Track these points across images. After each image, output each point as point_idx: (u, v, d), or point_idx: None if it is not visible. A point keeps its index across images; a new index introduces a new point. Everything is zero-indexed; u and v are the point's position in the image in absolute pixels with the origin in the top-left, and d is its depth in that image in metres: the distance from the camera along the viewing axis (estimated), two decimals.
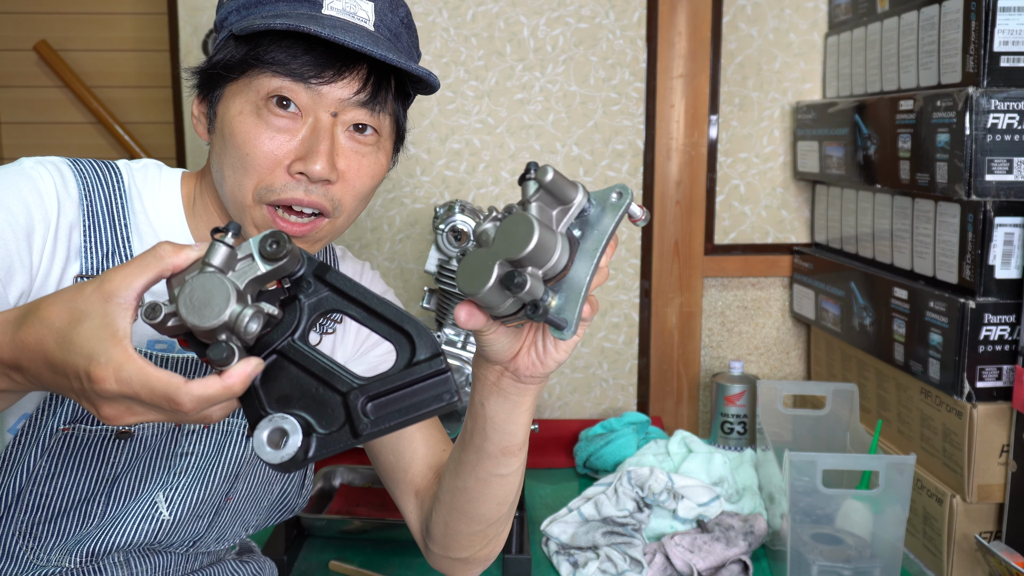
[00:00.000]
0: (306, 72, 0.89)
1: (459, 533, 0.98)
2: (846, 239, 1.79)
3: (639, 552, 1.34)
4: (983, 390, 1.34)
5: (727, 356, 2.03)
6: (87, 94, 2.60)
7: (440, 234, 1.53)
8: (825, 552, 1.33)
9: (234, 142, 0.90)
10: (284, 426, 0.65)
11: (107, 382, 0.63)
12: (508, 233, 0.67)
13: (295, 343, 0.69)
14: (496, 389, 0.84)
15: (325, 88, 0.90)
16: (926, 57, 1.45)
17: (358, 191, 0.94)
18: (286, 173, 0.90)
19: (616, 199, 0.70)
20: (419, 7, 1.87)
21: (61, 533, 0.94)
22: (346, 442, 0.66)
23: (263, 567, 1.16)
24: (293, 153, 0.90)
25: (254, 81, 0.90)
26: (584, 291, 0.69)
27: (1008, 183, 1.30)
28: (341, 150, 0.92)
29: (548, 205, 0.69)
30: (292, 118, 0.90)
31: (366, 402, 0.67)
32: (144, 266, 0.65)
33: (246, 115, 0.90)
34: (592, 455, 1.72)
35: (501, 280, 0.66)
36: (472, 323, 0.72)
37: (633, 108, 1.93)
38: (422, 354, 0.67)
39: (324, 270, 0.70)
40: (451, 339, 1.58)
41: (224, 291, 0.64)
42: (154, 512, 0.98)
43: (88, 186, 0.93)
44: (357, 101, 0.91)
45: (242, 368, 0.64)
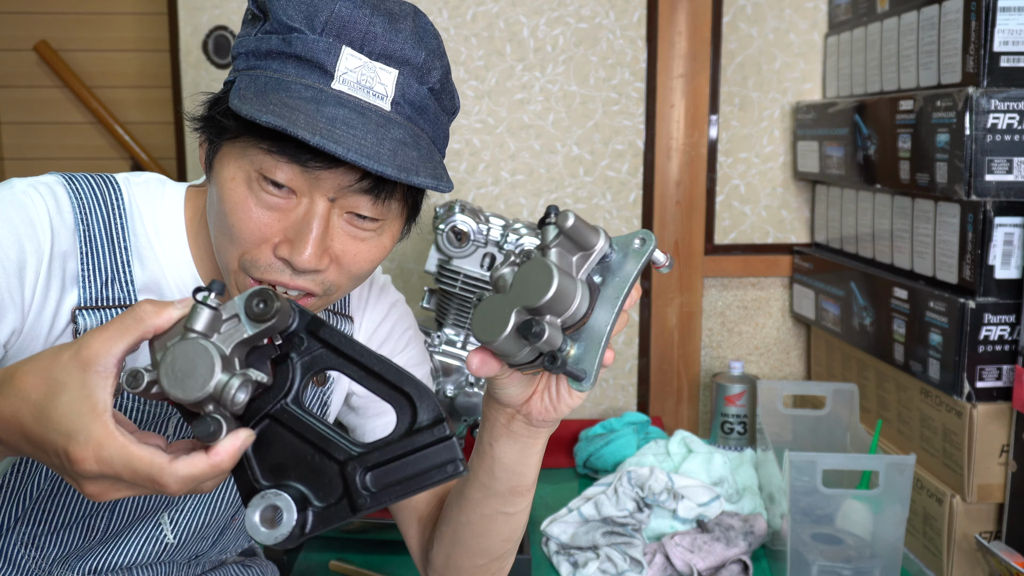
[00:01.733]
0: (304, 155, 0.77)
1: (461, 567, 0.94)
2: (846, 239, 1.79)
3: (639, 552, 1.34)
4: (983, 390, 1.34)
5: (727, 356, 2.03)
6: (87, 94, 2.60)
7: (440, 234, 1.53)
8: (825, 552, 1.33)
9: (223, 208, 0.81)
10: (277, 503, 0.62)
11: (87, 463, 0.59)
12: (526, 280, 0.63)
13: (288, 406, 0.65)
14: (507, 431, 0.79)
15: (324, 173, 0.79)
16: (926, 57, 1.45)
17: (355, 274, 0.85)
18: (271, 253, 0.81)
19: (639, 245, 0.67)
20: (419, 7, 1.87)
21: (63, 545, 0.93)
22: (345, 516, 0.63)
23: (264, 570, 1.16)
24: (281, 233, 0.81)
25: (248, 150, 0.80)
26: (605, 340, 0.66)
27: (1008, 183, 1.30)
28: (335, 235, 0.82)
29: (568, 251, 0.66)
30: (285, 197, 0.80)
31: (364, 473, 0.63)
32: (124, 329, 0.61)
33: (238, 183, 0.81)
34: (592, 455, 1.72)
35: (518, 329, 0.63)
36: (485, 371, 0.68)
37: (633, 108, 1.93)
38: (424, 419, 0.63)
39: (317, 325, 0.65)
40: (451, 339, 1.58)
41: (208, 360, 0.59)
42: (158, 534, 0.96)
43: (84, 207, 0.86)
44: (359, 189, 0.80)
45: (230, 443, 0.60)
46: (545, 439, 0.81)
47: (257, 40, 0.81)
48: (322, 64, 0.78)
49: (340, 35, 0.78)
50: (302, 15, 0.79)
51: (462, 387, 1.53)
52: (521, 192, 1.94)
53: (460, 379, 1.54)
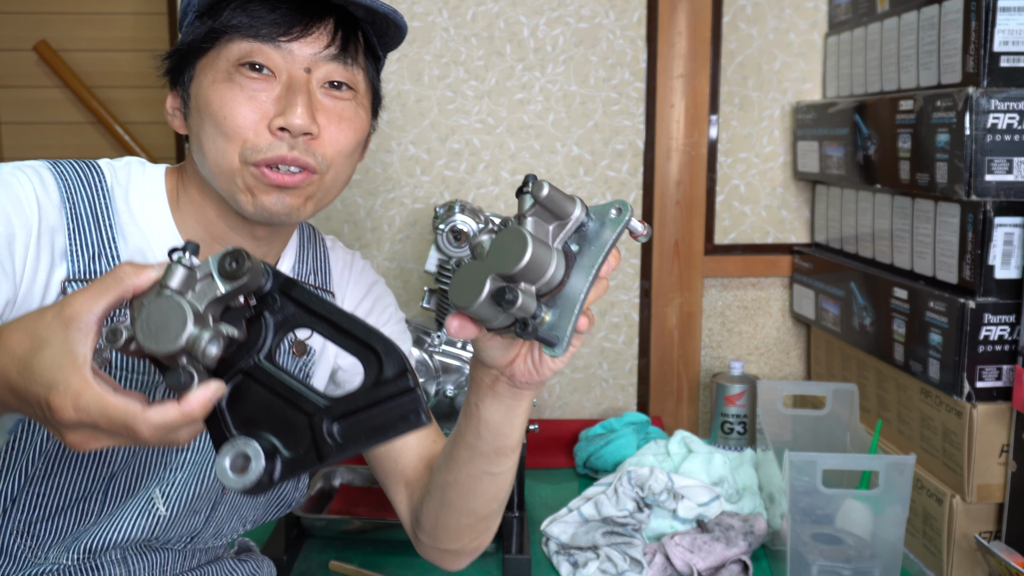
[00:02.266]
0: (273, 32, 0.89)
1: (449, 527, 0.98)
2: (846, 239, 1.79)
3: (639, 552, 1.34)
4: (983, 390, 1.34)
5: (727, 356, 2.03)
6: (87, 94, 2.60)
7: (440, 234, 1.53)
8: (825, 552, 1.33)
9: (210, 111, 0.90)
10: (247, 451, 0.64)
11: (66, 411, 0.62)
12: (502, 247, 0.65)
13: (260, 363, 0.68)
14: (491, 392, 0.83)
15: (294, 45, 0.90)
16: (926, 57, 1.45)
17: (342, 145, 0.94)
18: (268, 132, 0.89)
19: (615, 215, 0.69)
20: (419, 7, 1.87)
21: (59, 531, 0.94)
22: (312, 463, 0.65)
23: (261, 566, 1.17)
24: (272, 110, 0.89)
25: (223, 50, 0.90)
26: (579, 306, 0.68)
27: (1008, 183, 1.30)
28: (319, 105, 0.92)
29: (545, 220, 0.68)
30: (266, 80, 0.90)
31: (332, 423, 0.65)
32: (104, 289, 0.64)
33: (219, 83, 0.90)
34: (592, 455, 1.72)
35: (493, 295, 0.65)
36: (463, 334, 0.72)
37: (633, 108, 1.93)
38: (389, 372, 0.65)
39: (290, 286, 0.68)
40: (451, 339, 1.58)
41: (181, 315, 0.62)
42: (151, 508, 0.98)
43: (69, 187, 0.91)
44: (328, 55, 0.91)
45: (200, 394, 0.63)
46: (529, 401, 0.84)
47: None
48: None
49: None
50: None
51: (462, 387, 1.53)
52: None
53: (460, 379, 1.54)
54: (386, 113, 1.89)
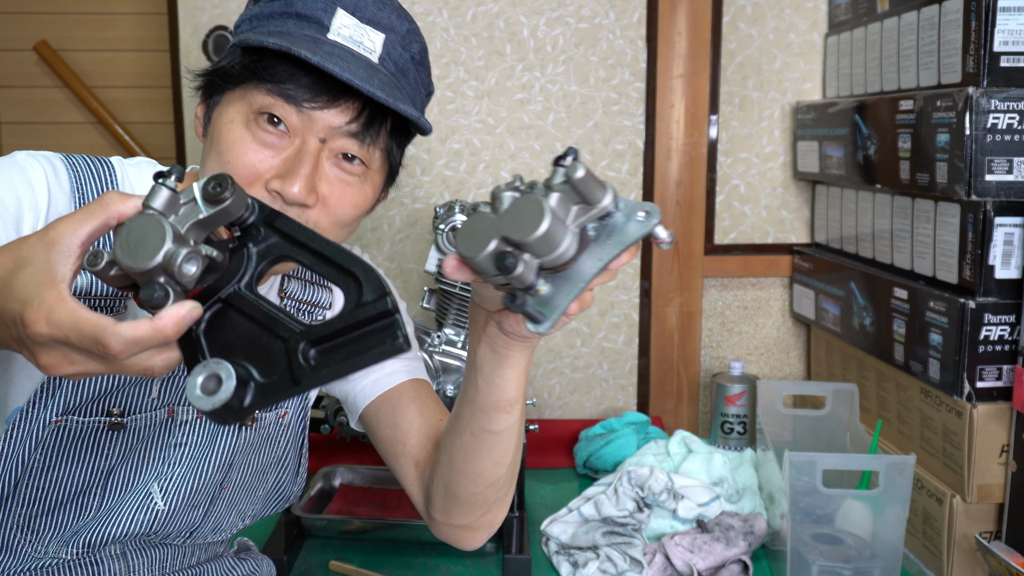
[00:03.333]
0: (300, 95, 0.88)
1: (459, 497, 0.97)
2: (846, 239, 1.79)
3: (639, 552, 1.34)
4: (983, 390, 1.34)
5: (727, 356, 2.03)
6: (87, 94, 2.60)
7: (440, 234, 1.53)
8: (825, 552, 1.33)
9: (219, 148, 0.90)
10: (219, 372, 0.63)
11: (38, 324, 0.62)
12: (518, 212, 0.63)
13: (241, 291, 0.67)
14: (484, 336, 0.83)
15: (317, 113, 0.89)
16: (926, 57, 1.45)
17: (339, 218, 0.92)
18: (263, 189, 0.89)
19: (643, 217, 0.67)
20: (419, 7, 1.87)
21: (58, 526, 0.95)
22: (286, 390, 0.64)
23: (260, 565, 1.17)
24: (273, 170, 0.89)
25: (249, 94, 0.90)
26: (578, 290, 0.66)
27: (1008, 183, 1.30)
28: (324, 176, 0.90)
29: (571, 198, 0.66)
30: (280, 136, 0.89)
31: (308, 347, 0.64)
32: (89, 214, 0.65)
33: (236, 124, 0.90)
34: (592, 455, 1.72)
35: (495, 256, 0.64)
36: (458, 276, 0.71)
37: (633, 108, 1.93)
38: (368, 296, 0.64)
39: (274, 217, 0.68)
40: (451, 339, 1.58)
41: (160, 232, 0.62)
42: (149, 502, 0.98)
43: (80, 179, 0.92)
44: (348, 131, 0.90)
45: (175, 311, 0.62)
46: (522, 355, 0.84)
47: (260, 7, 0.93)
48: (319, 19, 0.89)
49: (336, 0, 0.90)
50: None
51: None
52: None
53: (460, 379, 1.54)
54: None
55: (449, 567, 1.41)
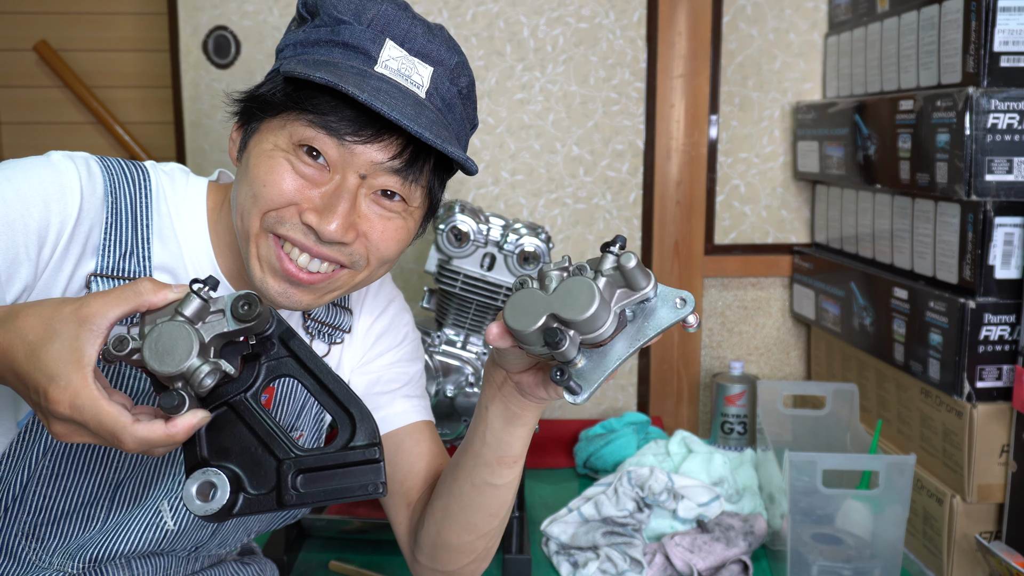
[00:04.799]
0: (343, 128, 0.85)
1: (449, 543, 0.98)
2: (846, 239, 1.79)
3: (639, 552, 1.34)
4: (983, 390, 1.34)
5: (727, 356, 2.03)
6: (87, 94, 2.60)
7: (440, 234, 1.53)
8: (825, 552, 1.33)
9: (256, 174, 0.87)
10: (214, 480, 0.70)
11: (61, 405, 0.66)
12: (569, 293, 0.68)
13: (246, 400, 0.73)
14: (499, 395, 0.84)
15: (359, 148, 0.86)
16: (926, 57, 1.44)
17: (382, 254, 0.90)
18: (297, 216, 0.87)
19: (679, 305, 0.71)
20: (419, 7, 1.87)
21: (63, 536, 0.94)
22: (271, 507, 0.70)
23: (264, 568, 1.16)
24: (310, 202, 0.86)
25: (289, 124, 0.87)
26: (613, 367, 0.71)
27: (1008, 183, 1.30)
28: (361, 213, 0.88)
29: (616, 283, 0.71)
30: (319, 169, 0.86)
31: (297, 474, 0.71)
32: (123, 299, 0.68)
33: (274, 153, 0.87)
34: (592, 455, 1.72)
35: (544, 331, 0.68)
36: (499, 344, 0.74)
37: (633, 108, 1.93)
38: (360, 440, 0.71)
39: (290, 336, 0.73)
40: (451, 339, 1.58)
41: (188, 343, 0.67)
42: (158, 521, 0.97)
43: (114, 183, 0.90)
44: (390, 167, 0.87)
45: (188, 420, 0.68)
46: (533, 416, 0.85)
47: (305, 32, 0.89)
48: (367, 50, 0.86)
49: (385, 30, 0.87)
50: (351, 11, 0.88)
51: (462, 387, 1.53)
52: (521, 192, 1.94)
53: (460, 379, 1.54)
54: None
55: None
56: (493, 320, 1.59)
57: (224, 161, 2.00)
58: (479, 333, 1.59)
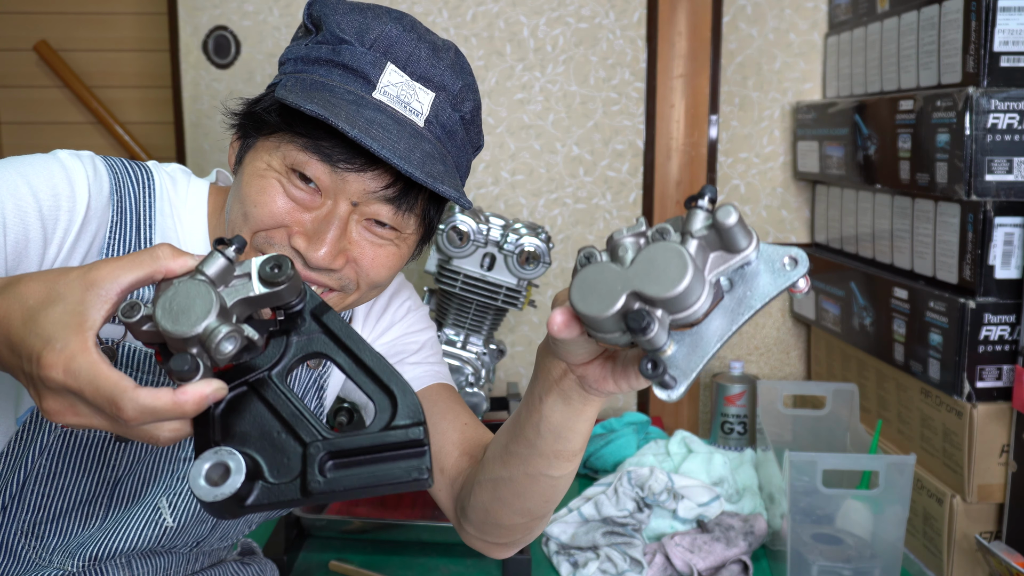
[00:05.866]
0: (335, 155, 0.83)
1: (500, 523, 0.92)
2: (846, 239, 1.79)
3: (639, 552, 1.34)
4: (983, 390, 1.34)
5: (727, 356, 2.03)
6: (87, 94, 2.60)
7: (440, 234, 1.53)
8: (825, 552, 1.33)
9: (247, 192, 0.86)
10: (228, 462, 0.58)
11: (54, 369, 0.58)
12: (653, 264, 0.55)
13: (271, 379, 0.63)
14: (557, 388, 0.74)
15: (351, 176, 0.84)
16: (926, 57, 1.44)
17: (372, 279, 0.89)
18: (286, 238, 0.86)
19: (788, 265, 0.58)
20: (419, 7, 1.87)
21: (63, 534, 0.94)
22: (293, 498, 0.59)
23: (264, 568, 1.16)
24: (300, 226, 0.85)
25: (283, 146, 0.85)
26: (712, 352, 0.59)
27: (1008, 183, 1.30)
28: (352, 240, 0.86)
29: (710, 245, 0.58)
30: (311, 194, 0.85)
31: (327, 458, 0.60)
32: (137, 263, 0.61)
33: (267, 174, 0.86)
34: (592, 455, 1.72)
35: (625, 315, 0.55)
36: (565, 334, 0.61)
37: (633, 108, 1.93)
38: (402, 419, 0.60)
39: (323, 310, 0.64)
40: (451, 339, 1.58)
41: (207, 302, 0.58)
42: (158, 518, 0.97)
43: (119, 182, 0.90)
44: (383, 196, 0.85)
45: (200, 388, 0.58)
46: (597, 408, 0.75)
47: (307, 48, 0.87)
48: (367, 74, 0.84)
49: (387, 52, 0.85)
50: (354, 30, 0.85)
51: (462, 387, 1.53)
52: (521, 192, 1.94)
53: (460, 379, 1.54)
54: None
55: (449, 567, 1.41)
56: (493, 320, 1.60)
57: (224, 161, 2.00)
58: (479, 333, 1.59)
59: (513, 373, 1.97)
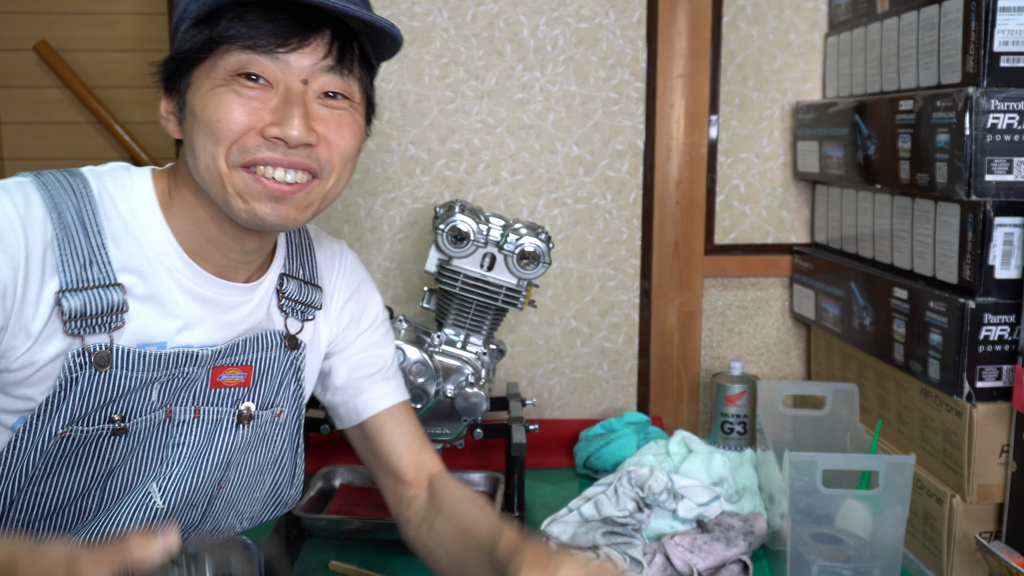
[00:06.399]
0: (271, 43, 0.89)
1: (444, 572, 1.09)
2: (846, 239, 1.79)
3: (639, 552, 1.34)
4: (983, 390, 1.34)
5: (727, 356, 2.03)
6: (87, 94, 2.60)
7: (440, 234, 1.53)
8: (825, 552, 1.33)
9: (205, 116, 0.90)
10: None
11: None
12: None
13: None
14: None
15: (291, 57, 0.90)
16: (926, 57, 1.45)
17: (343, 151, 0.95)
18: (259, 136, 0.90)
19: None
20: (419, 7, 1.87)
21: (57, 527, 0.95)
22: None
23: None
24: (267, 119, 0.90)
25: (220, 60, 0.90)
26: None
27: (1008, 183, 1.30)
28: (316, 115, 0.92)
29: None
30: (263, 89, 0.90)
31: None
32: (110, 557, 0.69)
33: (216, 90, 0.90)
34: (592, 455, 1.72)
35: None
36: None
37: (633, 108, 1.93)
38: None
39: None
40: (451, 339, 1.58)
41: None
42: (147, 502, 0.99)
43: (55, 198, 0.91)
44: (325, 67, 0.92)
45: None
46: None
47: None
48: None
49: None
50: None
51: (462, 387, 1.53)
52: (521, 192, 1.94)
53: (460, 379, 1.54)
54: (386, 113, 1.89)
55: None
56: (493, 320, 1.60)
57: None
58: (479, 333, 1.59)
59: (513, 373, 1.97)
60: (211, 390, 1.02)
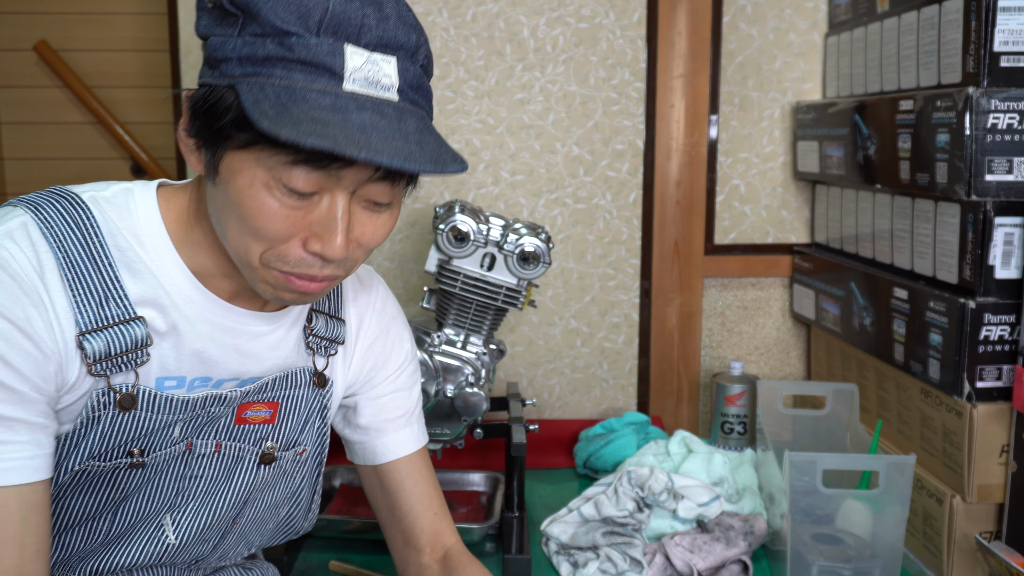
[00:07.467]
0: (324, 161, 0.78)
1: None
2: (846, 239, 1.79)
3: (639, 552, 1.34)
4: (983, 390, 1.34)
5: (727, 356, 2.03)
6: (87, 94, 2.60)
7: (440, 234, 1.53)
8: (825, 552, 1.33)
9: (244, 212, 0.82)
10: None
11: None
12: None
13: None
14: None
15: (344, 171, 0.80)
16: (926, 57, 1.45)
17: (369, 248, 0.88)
18: (300, 248, 0.83)
19: None
20: (419, 7, 1.87)
21: (64, 547, 0.93)
22: None
23: (265, 572, 1.16)
24: (307, 229, 0.83)
25: (264, 159, 0.79)
26: None
27: (1008, 183, 1.30)
28: (357, 220, 0.85)
29: None
30: (308, 198, 0.82)
31: None
32: None
33: (256, 188, 0.80)
34: (592, 455, 1.72)
35: None
36: None
37: (633, 108, 1.93)
38: None
39: None
40: (451, 339, 1.58)
41: None
42: (160, 535, 0.96)
43: (58, 236, 0.84)
44: (377, 178, 0.83)
45: None
46: None
47: (248, 45, 0.79)
48: (330, 67, 0.78)
49: (337, 33, 0.78)
50: (295, 16, 0.77)
51: (462, 387, 1.53)
52: (521, 192, 1.94)
53: (460, 379, 1.54)
54: None
55: None
56: (493, 320, 1.60)
57: None
58: (479, 333, 1.59)
59: (513, 373, 1.97)
60: (235, 426, 0.98)
